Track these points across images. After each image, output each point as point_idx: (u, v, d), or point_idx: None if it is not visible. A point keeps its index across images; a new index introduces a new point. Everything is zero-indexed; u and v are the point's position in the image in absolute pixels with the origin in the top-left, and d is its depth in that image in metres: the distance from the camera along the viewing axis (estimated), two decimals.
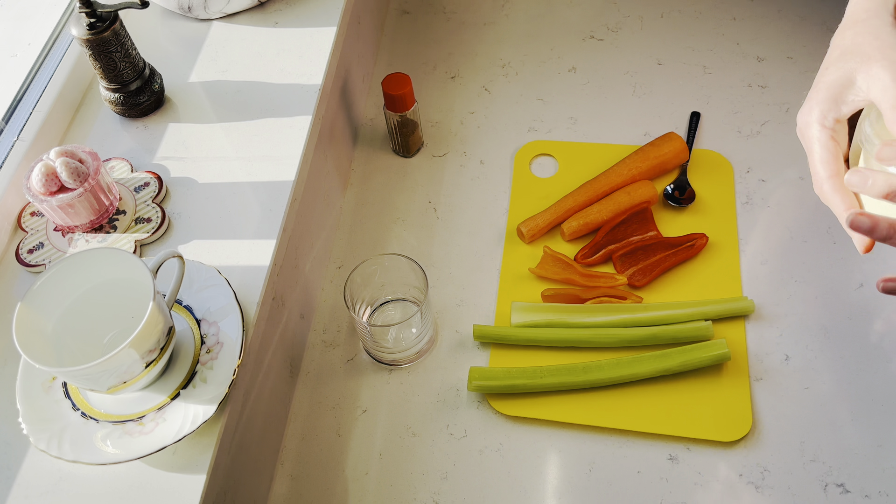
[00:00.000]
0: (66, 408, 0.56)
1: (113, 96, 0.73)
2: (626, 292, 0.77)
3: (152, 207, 0.67)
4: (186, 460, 0.55)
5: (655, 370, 0.71)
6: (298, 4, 0.84)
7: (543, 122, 0.94)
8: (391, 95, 0.84)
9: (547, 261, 0.80)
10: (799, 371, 0.72)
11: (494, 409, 0.72)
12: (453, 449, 0.71)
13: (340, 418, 0.73)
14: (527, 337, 0.74)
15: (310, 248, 0.78)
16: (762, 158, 0.87)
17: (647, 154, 0.85)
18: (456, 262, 0.83)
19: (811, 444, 0.68)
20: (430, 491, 0.69)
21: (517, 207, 0.86)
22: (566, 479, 0.68)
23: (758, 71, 0.96)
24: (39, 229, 0.67)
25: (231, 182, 0.70)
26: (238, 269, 0.63)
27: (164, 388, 0.57)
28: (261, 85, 0.77)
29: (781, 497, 0.66)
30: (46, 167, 0.62)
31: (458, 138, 0.94)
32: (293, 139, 0.72)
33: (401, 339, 0.74)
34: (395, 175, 0.91)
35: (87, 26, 0.67)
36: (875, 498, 0.65)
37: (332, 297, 0.82)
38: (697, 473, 0.67)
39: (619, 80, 0.97)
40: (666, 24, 1.03)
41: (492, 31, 1.05)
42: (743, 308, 0.75)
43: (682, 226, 0.82)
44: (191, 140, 0.73)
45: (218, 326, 0.59)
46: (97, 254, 0.55)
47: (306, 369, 0.77)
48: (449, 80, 1.00)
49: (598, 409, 0.71)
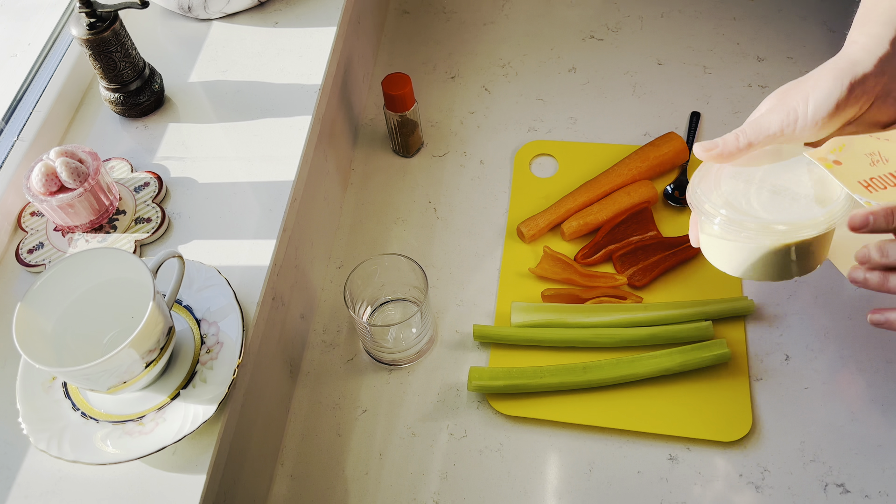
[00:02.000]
0: (66, 408, 0.56)
1: (113, 96, 0.73)
2: (626, 292, 0.77)
3: (152, 207, 0.67)
4: (186, 460, 0.55)
5: (655, 370, 0.71)
6: (298, 4, 0.84)
7: (543, 122, 0.94)
8: (391, 95, 0.84)
9: (547, 261, 0.80)
10: (799, 371, 0.72)
11: (494, 409, 0.72)
12: (453, 449, 0.71)
13: (340, 418, 0.73)
14: (527, 337, 0.74)
15: (310, 248, 0.78)
16: None
17: (647, 154, 0.85)
18: (456, 262, 0.83)
19: (811, 444, 0.68)
20: (430, 491, 0.69)
21: (517, 207, 0.86)
22: (566, 479, 0.68)
23: (758, 71, 0.96)
24: (39, 229, 0.67)
25: (231, 182, 0.70)
26: (238, 269, 0.63)
27: (164, 388, 0.57)
28: (261, 85, 0.77)
29: (781, 497, 0.66)
30: (46, 167, 0.62)
31: (458, 138, 0.94)
32: (293, 139, 0.72)
33: (401, 339, 0.74)
34: (395, 175, 0.91)
35: (87, 26, 0.67)
36: (875, 498, 0.65)
37: (332, 297, 0.82)
38: (697, 473, 0.67)
39: (619, 80, 0.97)
40: (666, 24, 1.03)
41: (492, 31, 1.05)
42: (743, 308, 0.75)
43: (682, 226, 0.82)
44: (191, 140, 0.73)
45: (218, 326, 0.59)
46: (97, 254, 0.55)
47: (306, 369, 0.77)
48: (449, 80, 1.00)
49: (598, 409, 0.71)
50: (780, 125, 0.56)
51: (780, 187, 0.56)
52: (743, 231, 0.55)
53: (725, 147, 0.57)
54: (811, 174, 0.56)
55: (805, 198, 0.55)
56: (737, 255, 0.58)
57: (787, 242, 0.54)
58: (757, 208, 0.55)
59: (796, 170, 0.57)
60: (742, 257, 0.57)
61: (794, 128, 0.55)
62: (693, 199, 0.58)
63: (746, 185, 0.57)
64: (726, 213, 0.55)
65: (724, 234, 0.56)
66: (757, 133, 0.56)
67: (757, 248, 0.56)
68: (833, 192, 0.55)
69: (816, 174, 0.56)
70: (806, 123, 0.55)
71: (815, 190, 0.55)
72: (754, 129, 0.56)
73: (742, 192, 0.57)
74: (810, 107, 0.54)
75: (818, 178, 0.56)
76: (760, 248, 0.55)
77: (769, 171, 0.58)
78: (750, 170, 0.58)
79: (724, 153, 0.57)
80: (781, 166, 0.58)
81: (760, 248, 0.55)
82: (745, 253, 0.57)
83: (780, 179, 0.57)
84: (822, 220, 0.53)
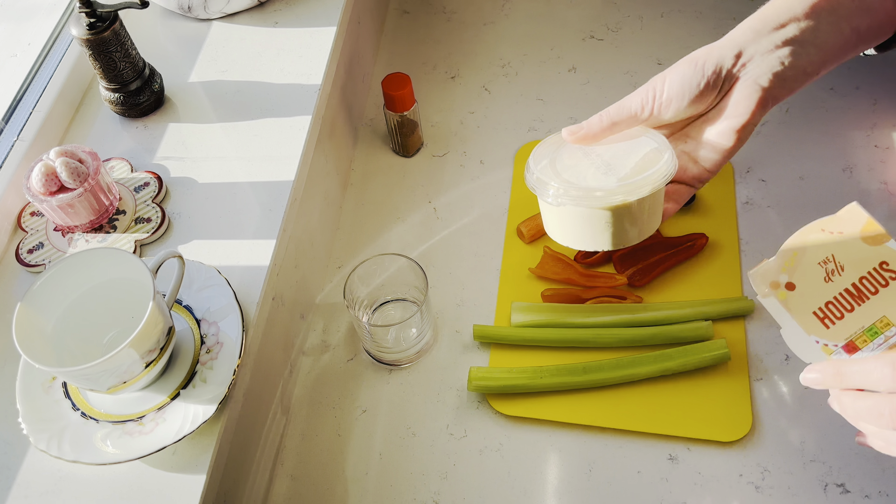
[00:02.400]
0: (66, 408, 0.56)
1: (113, 96, 0.73)
2: (626, 292, 0.77)
3: (152, 207, 0.67)
4: (186, 460, 0.55)
5: (655, 370, 0.71)
6: (298, 4, 0.84)
7: (543, 122, 0.94)
8: (391, 95, 0.84)
9: (547, 261, 0.80)
10: (799, 371, 0.71)
11: (494, 409, 0.72)
12: (453, 449, 0.71)
13: (340, 418, 0.73)
14: (527, 337, 0.74)
15: (310, 248, 0.78)
16: (762, 158, 0.87)
17: None
18: (456, 262, 0.83)
19: (811, 444, 0.68)
20: (430, 491, 0.69)
21: (517, 207, 0.86)
22: (566, 479, 0.68)
23: None
24: (39, 229, 0.67)
25: (231, 182, 0.70)
26: (238, 269, 0.63)
27: (164, 388, 0.57)
28: (261, 85, 0.77)
29: (781, 497, 0.66)
30: (46, 167, 0.62)
31: (458, 138, 0.94)
32: (293, 139, 0.72)
33: (401, 339, 0.74)
34: (395, 175, 0.91)
35: (87, 26, 0.67)
36: (875, 498, 0.65)
37: (332, 297, 0.82)
38: (697, 473, 0.67)
39: (619, 80, 0.97)
40: (666, 24, 1.03)
41: (492, 31, 1.05)
42: (743, 308, 0.75)
43: (682, 226, 0.82)
44: (191, 140, 0.73)
45: (218, 326, 0.59)
46: (97, 254, 0.55)
47: (306, 369, 0.77)
48: (449, 80, 1.00)
49: (598, 409, 0.71)
50: (641, 103, 0.59)
51: (613, 161, 0.59)
52: (569, 198, 0.58)
53: (590, 129, 0.61)
54: (647, 150, 0.59)
55: (634, 166, 0.58)
56: (568, 224, 0.61)
57: (607, 206, 0.57)
58: (588, 179, 0.58)
59: (637, 148, 0.60)
60: (573, 225, 0.61)
61: (652, 105, 0.59)
62: (529, 178, 0.61)
63: (583, 159, 0.60)
64: (556, 184, 0.58)
65: (556, 203, 0.59)
66: (619, 112, 0.60)
67: (584, 214, 0.59)
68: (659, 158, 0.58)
69: (650, 149, 0.59)
70: (661, 101, 0.59)
71: (648, 159, 0.59)
72: (617, 109, 0.60)
73: (577, 165, 0.60)
74: (666, 86, 0.58)
75: (653, 149, 0.59)
76: (587, 214, 0.58)
77: (609, 147, 0.61)
78: (590, 147, 0.62)
79: (588, 134, 0.61)
80: (626, 144, 0.61)
81: (587, 214, 0.58)
82: (576, 220, 0.60)
83: (616, 154, 0.60)
84: (644, 185, 0.57)
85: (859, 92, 0.92)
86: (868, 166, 0.85)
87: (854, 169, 0.85)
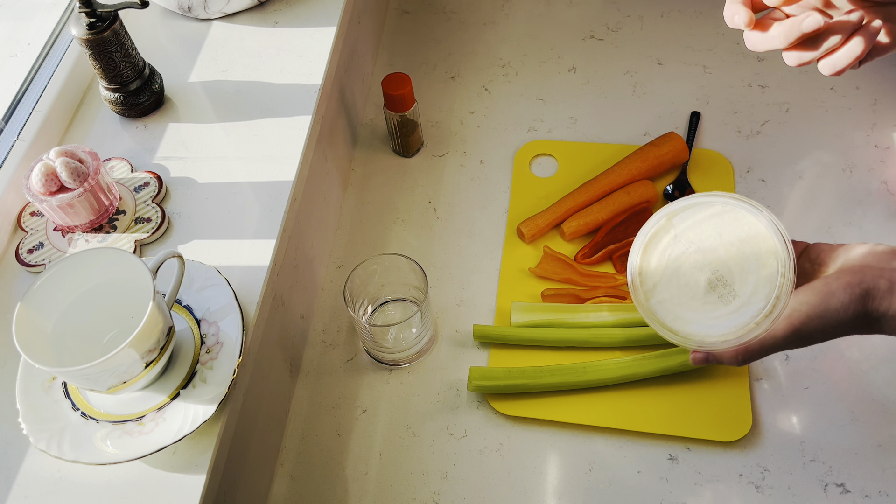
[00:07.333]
0: (65, 408, 0.56)
1: (113, 96, 0.73)
2: (626, 292, 0.77)
3: (152, 207, 0.67)
4: (186, 460, 0.55)
5: (655, 370, 0.71)
6: (298, 4, 0.84)
7: (543, 121, 0.94)
8: (391, 95, 0.84)
9: (547, 261, 0.80)
10: (799, 371, 0.72)
11: (494, 409, 0.72)
12: (453, 449, 0.71)
13: (340, 418, 0.73)
14: (527, 337, 0.74)
15: (310, 248, 0.78)
16: (762, 158, 0.87)
17: (647, 154, 0.85)
18: (456, 262, 0.83)
19: (811, 444, 0.68)
20: (430, 491, 0.69)
21: (517, 207, 0.86)
22: (566, 479, 0.68)
23: (758, 71, 0.96)
24: (39, 229, 0.67)
25: (231, 182, 0.70)
26: (238, 269, 0.63)
27: (164, 388, 0.57)
28: (260, 85, 0.77)
29: (781, 497, 0.66)
30: (46, 167, 0.62)
31: (458, 138, 0.94)
32: (293, 139, 0.72)
33: (401, 339, 0.74)
34: (395, 175, 0.91)
35: (87, 26, 0.67)
36: (875, 498, 0.65)
37: (332, 297, 0.82)
38: (697, 473, 0.67)
39: (619, 80, 0.97)
40: (666, 24, 1.03)
41: (492, 31, 1.05)
42: None
43: None
44: (191, 140, 0.73)
45: (218, 326, 0.59)
46: (97, 254, 0.55)
47: (306, 369, 0.77)
48: (449, 80, 1.00)
49: (598, 409, 0.71)
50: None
51: (717, 277, 0.55)
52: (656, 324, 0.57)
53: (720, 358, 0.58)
54: (766, 263, 0.54)
55: (734, 307, 0.54)
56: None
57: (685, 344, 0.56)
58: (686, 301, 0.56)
59: (753, 255, 0.54)
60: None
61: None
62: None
63: (691, 256, 0.56)
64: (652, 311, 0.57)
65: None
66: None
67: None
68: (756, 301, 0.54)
69: (769, 257, 0.54)
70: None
71: (747, 292, 0.54)
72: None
73: (681, 266, 0.56)
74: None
75: (764, 276, 0.54)
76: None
77: (722, 245, 0.55)
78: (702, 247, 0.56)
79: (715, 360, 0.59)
80: (739, 246, 0.55)
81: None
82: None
83: (728, 265, 0.55)
84: (729, 339, 0.54)
85: (859, 92, 0.92)
86: (868, 166, 0.85)
87: (854, 169, 0.85)
